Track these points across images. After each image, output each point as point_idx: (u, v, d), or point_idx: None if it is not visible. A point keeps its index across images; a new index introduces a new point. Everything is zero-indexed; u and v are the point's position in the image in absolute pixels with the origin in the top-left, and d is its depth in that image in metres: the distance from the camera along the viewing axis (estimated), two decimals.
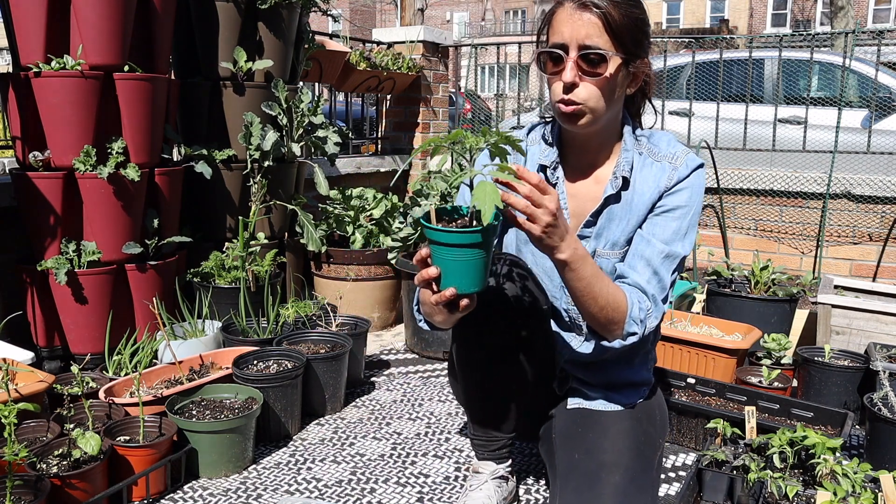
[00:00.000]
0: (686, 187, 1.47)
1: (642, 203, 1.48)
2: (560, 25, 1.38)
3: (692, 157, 1.49)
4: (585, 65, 1.36)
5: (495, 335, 1.49)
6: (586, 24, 1.35)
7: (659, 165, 1.49)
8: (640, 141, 1.52)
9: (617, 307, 1.38)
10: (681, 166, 1.47)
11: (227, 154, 2.73)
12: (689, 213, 1.47)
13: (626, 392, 1.61)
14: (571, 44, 1.36)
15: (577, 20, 1.35)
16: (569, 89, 1.37)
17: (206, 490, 1.79)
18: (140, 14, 2.31)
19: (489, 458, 1.66)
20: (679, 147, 1.51)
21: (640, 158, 1.50)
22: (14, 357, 1.95)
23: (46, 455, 1.65)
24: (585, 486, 1.42)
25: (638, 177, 1.49)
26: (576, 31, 1.35)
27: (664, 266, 1.45)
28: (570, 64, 1.36)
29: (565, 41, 1.36)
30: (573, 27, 1.36)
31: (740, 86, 4.88)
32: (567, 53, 1.36)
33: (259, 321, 2.46)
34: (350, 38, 4.06)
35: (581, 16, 1.35)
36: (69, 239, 2.28)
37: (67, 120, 2.17)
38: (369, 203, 3.32)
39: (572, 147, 1.54)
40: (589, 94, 1.38)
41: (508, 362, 1.52)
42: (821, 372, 2.28)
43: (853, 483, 1.50)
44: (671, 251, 1.45)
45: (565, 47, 1.36)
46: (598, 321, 1.40)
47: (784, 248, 3.88)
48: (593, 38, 1.35)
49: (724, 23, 22.80)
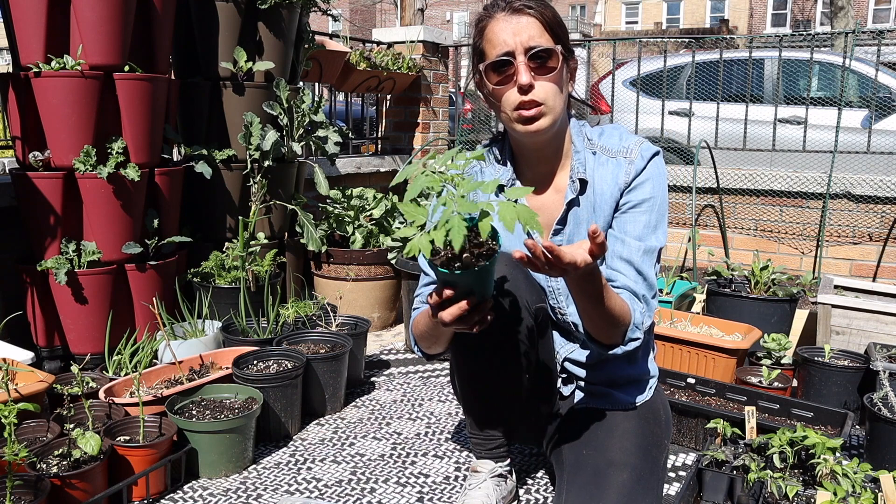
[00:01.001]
0: (646, 179, 1.46)
1: (605, 202, 1.48)
2: (499, 35, 1.38)
3: (646, 146, 1.48)
4: (536, 64, 1.37)
5: (493, 338, 1.48)
6: (526, 26, 1.37)
7: (614, 161, 1.48)
8: (592, 139, 1.52)
9: (622, 316, 1.38)
10: (636, 159, 1.46)
11: (227, 154, 2.73)
12: (656, 204, 1.46)
13: (630, 388, 1.61)
14: (517, 48, 1.36)
15: (516, 24, 1.37)
16: (527, 90, 1.37)
17: (206, 490, 1.79)
18: (140, 14, 2.31)
19: (487, 456, 1.67)
20: (631, 139, 1.50)
21: (594, 157, 1.50)
22: (14, 357, 1.95)
23: (46, 455, 1.65)
24: (593, 483, 1.42)
25: (595, 176, 1.49)
26: (518, 35, 1.36)
27: (645, 263, 1.44)
28: (521, 66, 1.36)
29: (510, 47, 1.37)
30: (514, 31, 1.37)
31: (740, 86, 4.88)
32: (515, 58, 1.37)
33: (259, 321, 2.46)
34: (350, 38, 4.06)
35: (518, 20, 1.37)
36: (69, 239, 2.28)
37: (67, 120, 2.17)
38: (369, 203, 3.32)
39: (527, 159, 1.54)
40: (546, 93, 1.38)
41: (507, 366, 1.51)
42: (821, 372, 2.28)
43: (853, 483, 1.50)
44: (647, 246, 1.44)
45: (511, 53, 1.37)
46: (604, 331, 1.40)
47: (784, 248, 3.88)
48: (536, 37, 1.37)
49: (724, 23, 22.83)
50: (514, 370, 1.52)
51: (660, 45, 6.65)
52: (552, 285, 1.56)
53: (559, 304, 1.57)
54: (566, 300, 1.56)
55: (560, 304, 1.57)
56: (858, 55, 5.04)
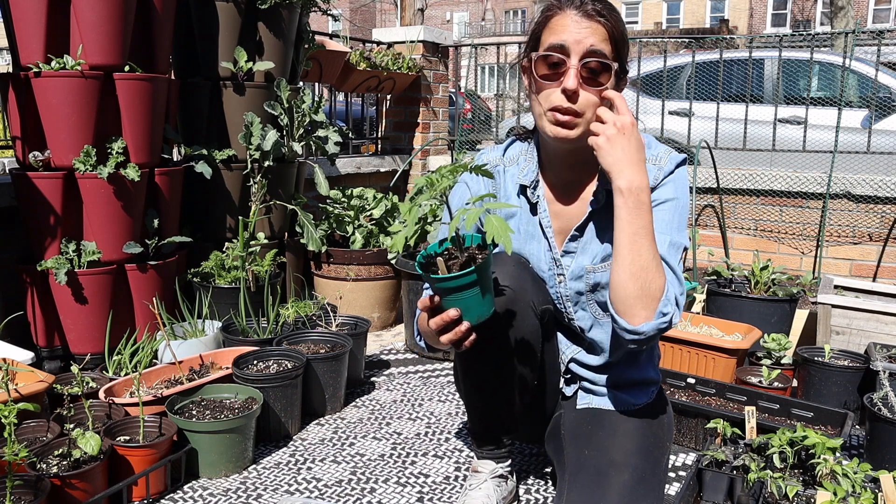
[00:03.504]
0: (670, 181, 1.44)
1: None
2: (563, 29, 1.34)
3: (674, 154, 1.47)
4: (587, 73, 1.34)
5: (497, 338, 1.48)
6: (593, 32, 1.33)
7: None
8: None
9: (658, 274, 1.30)
10: (665, 165, 1.45)
11: (227, 154, 2.73)
12: (679, 205, 1.43)
13: (633, 391, 1.60)
14: (575, 50, 1.33)
15: (584, 26, 1.33)
16: (570, 97, 1.34)
17: (206, 490, 1.79)
18: (140, 14, 2.31)
19: (488, 457, 1.66)
20: (661, 148, 1.48)
21: None
22: (14, 357, 1.95)
23: (46, 455, 1.65)
24: (595, 483, 1.42)
25: None
26: (582, 38, 1.32)
27: (671, 256, 1.38)
28: (572, 70, 1.33)
29: (568, 45, 1.33)
30: (579, 32, 1.33)
31: (740, 86, 4.88)
32: (569, 58, 1.33)
33: (259, 321, 2.46)
34: (350, 38, 4.06)
35: (588, 24, 1.33)
36: (69, 239, 2.28)
37: (67, 120, 2.17)
38: (369, 203, 3.32)
39: (553, 163, 1.51)
40: (588, 104, 1.35)
41: (510, 365, 1.52)
42: (821, 372, 2.28)
43: (853, 483, 1.50)
44: (672, 240, 1.39)
45: (567, 51, 1.33)
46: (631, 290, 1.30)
47: (784, 248, 3.88)
48: (598, 47, 1.33)
49: (724, 23, 22.81)
50: (517, 370, 1.52)
51: (660, 45, 6.65)
52: (560, 292, 1.55)
53: (566, 310, 1.57)
54: (574, 307, 1.56)
55: (567, 310, 1.57)
56: (858, 55, 5.04)
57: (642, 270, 1.30)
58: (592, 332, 1.57)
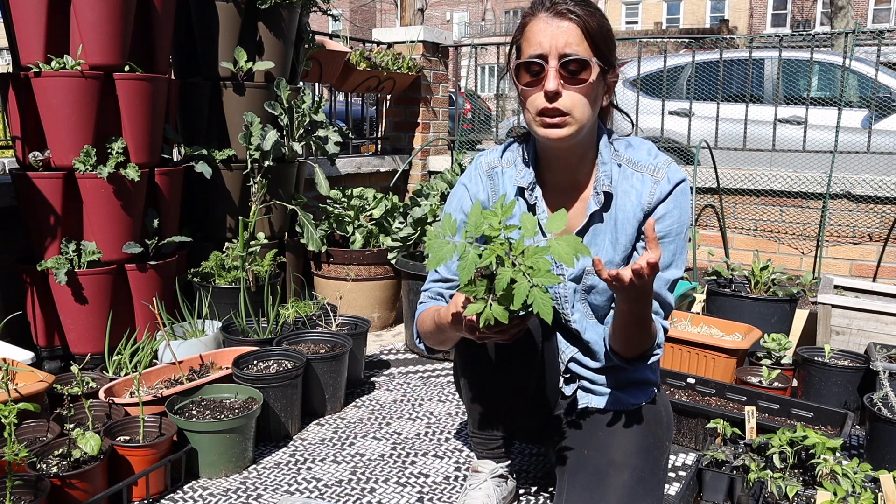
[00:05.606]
0: (673, 209, 1.44)
1: (627, 218, 1.46)
2: (536, 35, 1.35)
3: (674, 169, 1.45)
4: (567, 73, 1.33)
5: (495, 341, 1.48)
6: (566, 31, 1.33)
7: (640, 176, 1.45)
8: (618, 151, 1.49)
9: (650, 337, 1.43)
10: (662, 180, 1.44)
11: (227, 154, 2.73)
12: (681, 232, 1.47)
13: (633, 391, 1.60)
14: (551, 52, 1.33)
15: (556, 28, 1.33)
16: (552, 98, 1.34)
17: (206, 490, 1.79)
18: (140, 14, 2.31)
19: (488, 456, 1.67)
20: (661, 158, 1.47)
21: (619, 170, 1.47)
22: (14, 357, 1.95)
23: (46, 455, 1.65)
24: (594, 483, 1.42)
25: (619, 189, 1.46)
26: (555, 39, 1.32)
27: (665, 291, 1.47)
28: (552, 73, 1.33)
29: (544, 51, 1.33)
30: (552, 35, 1.33)
31: (740, 86, 4.88)
32: (547, 62, 1.33)
33: (259, 321, 2.46)
34: (350, 38, 4.06)
35: (559, 24, 1.33)
36: (69, 239, 2.28)
37: (67, 120, 2.17)
38: (369, 203, 3.32)
39: (549, 165, 1.51)
40: (574, 103, 1.35)
41: (510, 365, 1.52)
42: (821, 372, 2.28)
43: (853, 483, 1.50)
44: (668, 277, 1.46)
45: (544, 56, 1.33)
46: (632, 348, 1.44)
47: (784, 248, 3.88)
48: (573, 45, 1.33)
49: (724, 23, 22.83)
50: (517, 370, 1.52)
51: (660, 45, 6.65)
52: (558, 291, 1.55)
53: (564, 310, 1.57)
54: (571, 308, 1.56)
55: (565, 310, 1.57)
56: (858, 55, 5.04)
57: (638, 340, 1.43)
58: (588, 334, 1.57)
